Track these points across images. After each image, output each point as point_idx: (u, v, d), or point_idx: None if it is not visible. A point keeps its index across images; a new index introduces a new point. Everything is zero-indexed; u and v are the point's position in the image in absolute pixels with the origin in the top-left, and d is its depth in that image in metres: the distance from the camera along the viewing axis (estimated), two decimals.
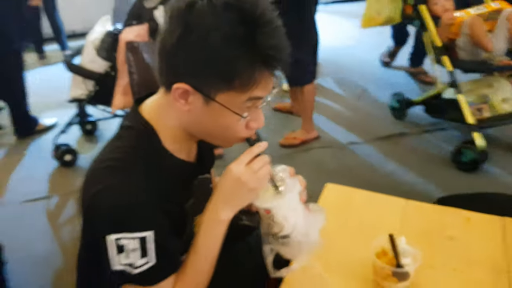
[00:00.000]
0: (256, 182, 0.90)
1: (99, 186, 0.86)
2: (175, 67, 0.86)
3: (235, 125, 0.90)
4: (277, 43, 0.84)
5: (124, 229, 0.85)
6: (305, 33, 2.83)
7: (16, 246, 2.23)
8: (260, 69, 0.84)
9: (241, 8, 0.80)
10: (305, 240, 0.96)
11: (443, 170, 2.60)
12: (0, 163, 3.15)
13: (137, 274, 0.87)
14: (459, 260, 1.11)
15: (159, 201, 0.89)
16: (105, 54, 2.65)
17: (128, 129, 0.95)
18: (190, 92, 0.85)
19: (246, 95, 0.85)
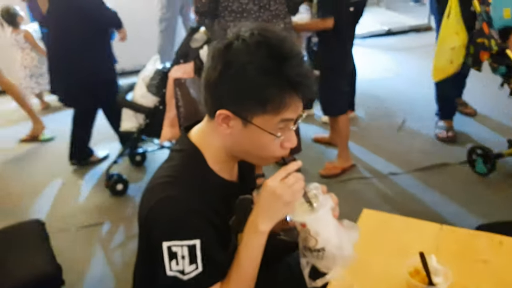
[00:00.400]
0: (290, 196, 0.99)
1: (155, 199, 1.00)
2: (218, 97, 1.00)
3: (270, 144, 1.02)
4: (302, 72, 0.97)
5: (175, 237, 0.96)
6: (342, 65, 2.91)
7: (72, 269, 2.38)
8: (290, 94, 0.97)
9: (270, 45, 0.95)
10: (339, 253, 1.02)
11: (485, 200, 2.58)
12: (58, 192, 3.35)
13: (187, 281, 0.97)
14: (492, 282, 1.14)
15: (206, 213, 1.00)
16: (155, 90, 2.84)
17: (178, 152, 1.10)
18: (231, 117, 0.99)
19: (278, 117, 0.98)
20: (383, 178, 2.96)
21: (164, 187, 1.02)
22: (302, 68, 0.98)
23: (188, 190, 1.01)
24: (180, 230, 0.98)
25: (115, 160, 3.19)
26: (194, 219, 0.99)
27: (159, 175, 1.07)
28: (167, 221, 0.99)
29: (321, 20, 2.71)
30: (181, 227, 0.98)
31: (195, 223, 0.99)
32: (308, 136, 3.60)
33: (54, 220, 2.88)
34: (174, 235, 0.97)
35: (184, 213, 0.99)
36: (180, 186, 1.02)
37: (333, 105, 2.97)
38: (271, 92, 0.95)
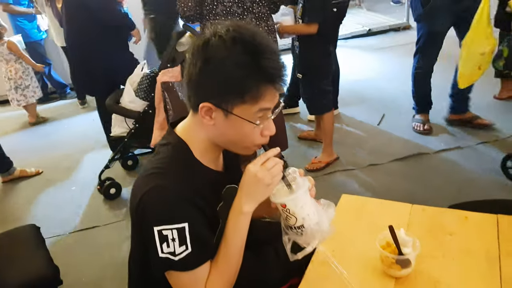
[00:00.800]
0: (270, 178, 1.07)
1: (145, 189, 1.07)
2: (200, 91, 1.08)
3: (251, 133, 1.10)
4: (275, 64, 1.06)
5: (165, 222, 1.04)
6: (324, 66, 3.00)
7: (68, 272, 2.44)
8: (265, 85, 1.05)
9: (244, 40, 1.03)
10: (317, 229, 1.12)
11: (457, 185, 2.73)
12: (52, 198, 3.42)
13: (178, 261, 1.05)
14: (457, 251, 1.25)
15: (194, 199, 1.08)
16: (143, 95, 2.89)
17: (166, 145, 1.17)
18: (213, 109, 1.07)
19: (256, 107, 1.06)
20: (365, 169, 3.08)
21: (153, 178, 1.09)
22: (275, 61, 1.05)
23: (176, 179, 1.09)
24: (169, 215, 1.05)
25: (107, 165, 3.25)
26: (183, 204, 1.06)
27: (148, 168, 1.14)
28: (157, 208, 1.06)
29: (306, 25, 2.79)
30: (170, 213, 1.05)
31: (183, 208, 1.06)
32: (294, 133, 3.73)
33: (49, 226, 2.94)
34: (164, 220, 1.04)
35: (172, 199, 1.06)
36: (168, 176, 1.09)
37: (317, 104, 3.08)
38: (248, 83, 1.03)
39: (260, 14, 2.64)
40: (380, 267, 1.21)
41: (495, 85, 3.92)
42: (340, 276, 1.21)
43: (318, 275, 1.23)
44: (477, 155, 3.04)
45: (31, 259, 1.93)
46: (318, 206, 1.16)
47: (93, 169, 3.69)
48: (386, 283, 1.17)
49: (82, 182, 3.60)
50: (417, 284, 1.16)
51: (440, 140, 3.31)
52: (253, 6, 2.59)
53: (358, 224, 1.44)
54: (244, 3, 2.56)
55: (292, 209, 1.10)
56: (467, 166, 2.92)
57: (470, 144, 3.17)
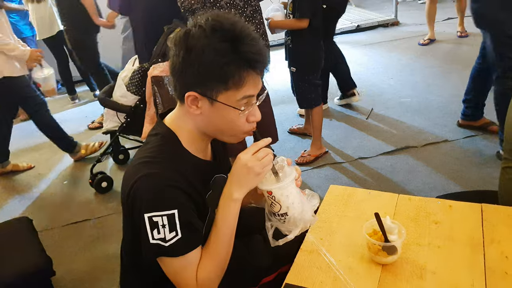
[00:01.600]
0: (260, 168, 1.10)
1: (135, 177, 1.09)
2: (184, 81, 1.11)
3: (237, 119, 1.12)
4: (256, 49, 1.08)
5: (155, 208, 1.06)
6: (315, 60, 3.03)
7: (60, 264, 2.48)
8: (247, 70, 1.07)
9: (223, 29, 1.06)
10: (300, 218, 1.15)
11: (445, 177, 2.79)
12: (43, 192, 3.43)
13: (168, 246, 1.07)
14: (442, 239, 1.28)
15: (183, 187, 1.10)
16: (135, 89, 2.91)
17: (155, 136, 1.20)
18: (198, 98, 1.10)
19: (240, 93, 1.09)
20: (353, 162, 3.13)
21: (143, 166, 1.11)
22: (255, 46, 1.07)
23: (165, 168, 1.11)
24: (159, 202, 1.07)
25: (99, 158, 3.27)
26: (172, 192, 1.08)
27: (137, 157, 1.16)
28: (147, 195, 1.07)
29: (297, 20, 2.82)
30: (160, 200, 1.07)
31: (173, 195, 1.08)
32: (284, 127, 3.76)
33: (41, 219, 2.96)
34: (154, 207, 1.06)
35: (162, 187, 1.07)
36: (157, 164, 1.11)
37: (307, 98, 3.11)
38: (230, 70, 1.05)
39: (256, 7, 2.71)
40: (367, 254, 1.24)
41: None
42: (328, 264, 1.24)
43: (307, 263, 1.26)
44: (464, 148, 3.09)
45: (24, 251, 1.96)
46: (303, 196, 1.19)
47: (84, 163, 3.72)
48: (373, 270, 1.20)
49: (74, 176, 3.61)
50: (403, 271, 1.19)
51: (427, 134, 3.36)
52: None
53: (346, 213, 1.47)
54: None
55: (277, 197, 1.13)
56: (454, 159, 2.97)
57: (457, 138, 3.22)
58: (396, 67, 4.63)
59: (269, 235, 1.17)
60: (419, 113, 3.70)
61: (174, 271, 1.12)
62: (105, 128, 3.15)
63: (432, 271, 1.18)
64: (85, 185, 3.36)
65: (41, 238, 2.14)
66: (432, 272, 1.18)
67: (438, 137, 3.28)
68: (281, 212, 1.15)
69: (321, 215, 1.47)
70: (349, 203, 1.53)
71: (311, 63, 3.02)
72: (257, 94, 1.15)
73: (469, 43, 5.22)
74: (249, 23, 2.61)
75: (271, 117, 3.07)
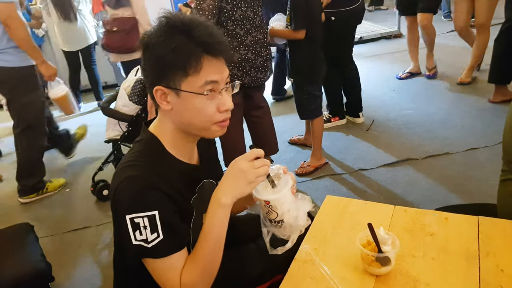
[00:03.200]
0: (254, 177, 1.09)
1: (118, 181, 1.12)
2: (150, 79, 1.15)
3: (205, 107, 1.13)
4: (210, 33, 1.11)
5: (136, 209, 1.07)
6: (313, 71, 3.04)
7: (60, 270, 2.51)
8: (201, 54, 1.09)
9: (174, 23, 1.10)
10: (295, 223, 1.17)
11: (444, 191, 2.78)
12: (45, 200, 3.45)
13: (150, 247, 1.08)
14: (437, 251, 1.28)
15: (164, 189, 1.11)
16: (136, 99, 2.93)
17: (138, 142, 1.23)
18: (165, 92, 1.13)
19: (201, 78, 1.10)
20: (353, 174, 3.13)
21: (125, 170, 1.13)
22: (206, 30, 1.10)
23: (146, 170, 1.12)
24: (139, 203, 1.08)
25: (101, 167, 3.29)
26: (152, 192, 1.09)
27: (121, 162, 1.18)
28: (128, 197, 1.09)
29: (294, 31, 2.86)
30: (140, 200, 1.08)
31: (153, 196, 1.09)
32: (284, 138, 3.78)
33: (42, 226, 2.98)
34: (134, 208, 1.07)
35: (142, 188, 1.08)
36: (139, 167, 1.13)
37: (307, 110, 3.12)
38: (185, 56, 1.08)
39: (263, 17, 2.78)
40: (361, 265, 1.24)
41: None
42: (322, 274, 1.24)
43: (301, 273, 1.26)
44: (465, 161, 3.09)
45: (24, 256, 1.99)
46: (297, 201, 1.21)
47: (87, 171, 3.76)
48: (366, 281, 1.20)
49: (76, 184, 3.64)
50: (396, 283, 1.19)
51: (428, 146, 3.36)
52: (258, 9, 2.71)
53: (341, 224, 1.47)
54: (254, 7, 2.66)
55: (274, 206, 1.14)
56: (455, 172, 2.97)
57: (458, 150, 3.22)
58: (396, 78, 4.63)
59: (266, 242, 1.18)
60: (420, 125, 3.71)
61: (158, 273, 1.13)
62: (107, 136, 3.17)
63: (426, 283, 1.18)
64: (86, 193, 3.39)
65: (42, 244, 2.15)
66: (426, 284, 1.17)
67: (439, 150, 3.28)
68: (277, 219, 1.17)
69: (316, 225, 1.47)
70: (344, 213, 1.53)
71: (309, 73, 3.03)
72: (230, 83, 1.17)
73: None
74: (258, 33, 2.66)
75: (271, 128, 3.08)
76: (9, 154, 4.42)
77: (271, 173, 1.17)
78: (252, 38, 2.68)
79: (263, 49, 2.75)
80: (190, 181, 1.23)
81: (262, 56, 2.75)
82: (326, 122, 3.81)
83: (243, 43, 2.66)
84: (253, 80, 2.76)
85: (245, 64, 2.71)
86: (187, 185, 1.21)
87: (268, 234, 1.19)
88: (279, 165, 1.21)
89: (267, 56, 2.80)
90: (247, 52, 2.68)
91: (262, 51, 2.75)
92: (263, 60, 2.76)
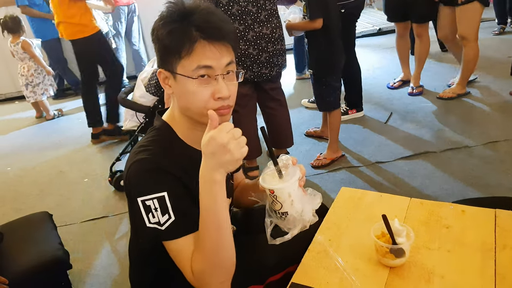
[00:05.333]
0: (239, 152, 1.01)
1: (129, 165, 1.14)
2: (158, 62, 1.18)
3: (198, 92, 1.11)
4: (207, 18, 1.11)
5: (145, 191, 1.08)
6: (331, 62, 3.00)
7: (78, 258, 2.56)
8: (197, 39, 1.09)
9: (177, 7, 1.13)
10: (299, 218, 1.16)
11: (465, 186, 2.72)
12: (64, 190, 3.53)
13: (164, 230, 1.09)
14: (453, 244, 1.27)
15: (172, 170, 1.12)
16: (153, 90, 2.94)
17: (151, 129, 1.25)
18: (166, 76, 1.16)
19: (193, 61, 1.10)
20: (370, 166, 3.09)
21: (137, 154, 1.15)
22: (205, 16, 1.11)
23: (154, 154, 1.14)
24: (148, 185, 1.09)
25: (118, 157, 3.33)
26: (161, 174, 1.10)
27: (134, 148, 1.20)
28: (138, 179, 1.11)
29: (310, 21, 2.83)
30: (149, 182, 1.09)
31: (161, 177, 1.10)
32: (301, 130, 3.76)
33: (61, 215, 3.03)
34: (144, 190, 1.08)
35: (150, 169, 1.10)
36: (150, 151, 1.15)
37: (326, 101, 3.09)
38: (179, 38, 1.09)
39: (272, 11, 2.71)
40: (375, 256, 1.24)
41: None
42: (335, 265, 1.24)
43: (314, 264, 1.27)
44: (485, 155, 3.03)
45: (43, 243, 2.03)
46: (305, 196, 1.20)
47: (104, 162, 3.81)
48: (380, 272, 1.20)
49: (94, 174, 3.70)
50: (411, 274, 1.18)
51: (447, 139, 3.30)
52: (265, 3, 2.65)
53: (356, 215, 1.47)
54: (258, 1, 2.61)
55: (279, 196, 1.14)
56: (474, 166, 2.91)
57: (477, 144, 3.17)
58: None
59: (268, 232, 1.17)
60: (439, 118, 3.65)
61: (174, 255, 1.13)
62: (125, 127, 3.20)
63: (440, 275, 1.17)
64: (104, 183, 3.44)
65: (60, 233, 2.19)
66: (441, 276, 1.17)
67: (458, 143, 3.22)
68: (282, 211, 1.16)
69: (330, 216, 1.48)
70: (359, 205, 1.53)
71: (327, 64, 3.00)
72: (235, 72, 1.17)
73: (492, 48, 5.12)
74: (263, 28, 2.63)
75: (286, 121, 3.07)
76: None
77: (279, 162, 1.16)
78: (254, 34, 2.65)
79: (269, 44, 2.71)
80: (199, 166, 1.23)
81: (268, 51, 2.72)
82: (343, 115, 3.78)
83: (243, 38, 2.64)
84: (255, 75, 2.75)
85: (245, 59, 2.69)
86: (198, 170, 1.19)
87: (270, 224, 1.18)
88: (288, 156, 1.20)
89: (275, 51, 2.76)
90: (248, 47, 2.66)
91: (268, 46, 2.71)
92: (269, 55, 2.73)
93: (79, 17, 3.79)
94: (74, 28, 3.83)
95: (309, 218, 1.18)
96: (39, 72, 5.05)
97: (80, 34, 3.86)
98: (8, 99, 6.52)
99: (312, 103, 4.10)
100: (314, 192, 1.23)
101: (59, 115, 5.34)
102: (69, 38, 3.89)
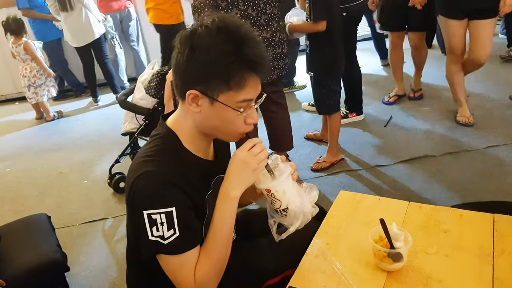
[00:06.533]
0: (256, 163, 1.12)
1: (135, 176, 1.12)
2: (186, 79, 1.12)
3: (235, 120, 1.14)
4: (259, 53, 1.09)
5: (154, 206, 1.08)
6: (332, 66, 3.00)
7: (76, 260, 2.56)
8: (248, 72, 1.09)
9: (228, 30, 1.08)
10: (300, 211, 1.18)
11: (463, 188, 2.72)
12: (63, 191, 3.53)
13: (167, 244, 1.09)
14: (451, 248, 1.27)
15: (181, 185, 1.12)
16: (153, 92, 2.95)
17: (155, 136, 1.22)
18: (199, 97, 1.11)
19: (241, 95, 1.10)
20: (370, 170, 3.09)
21: (143, 165, 1.13)
22: (257, 49, 1.09)
23: (163, 166, 1.13)
24: (157, 200, 1.09)
25: (118, 159, 3.33)
26: (170, 189, 1.10)
27: (138, 156, 1.19)
28: (146, 192, 1.10)
29: (313, 23, 2.82)
30: (158, 197, 1.09)
31: (170, 193, 1.10)
32: (300, 133, 3.76)
33: (59, 217, 3.03)
34: (152, 204, 1.08)
35: (160, 184, 1.09)
36: (157, 163, 1.13)
37: (325, 104, 3.09)
38: (233, 70, 1.07)
39: (272, 15, 2.70)
40: (373, 260, 1.24)
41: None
42: (333, 269, 1.24)
43: (312, 267, 1.26)
44: (484, 159, 3.02)
45: (41, 245, 2.02)
46: (300, 189, 1.21)
47: (104, 164, 3.80)
48: (378, 276, 1.20)
49: (93, 176, 3.69)
50: (408, 279, 1.18)
51: (447, 143, 3.30)
52: (266, 7, 2.64)
53: (354, 219, 1.47)
54: (257, 5, 2.61)
55: (275, 194, 1.16)
56: (473, 169, 2.91)
57: (477, 147, 3.16)
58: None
59: (273, 231, 1.19)
60: (438, 122, 3.64)
61: (173, 269, 1.14)
62: (124, 129, 3.21)
63: (438, 280, 1.17)
64: (103, 185, 3.44)
65: (58, 235, 2.18)
66: (438, 280, 1.17)
67: (457, 147, 3.22)
68: (282, 208, 1.18)
69: (328, 220, 1.47)
70: (358, 209, 1.53)
71: (328, 67, 3.00)
72: (256, 97, 1.17)
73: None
74: (263, 32, 2.63)
75: (287, 124, 3.07)
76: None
77: (269, 162, 1.18)
78: None
79: (269, 48, 2.71)
80: (205, 176, 1.24)
81: (268, 55, 2.72)
82: (343, 118, 3.77)
83: None
84: None
85: None
86: (203, 180, 1.22)
87: (274, 224, 1.20)
88: (277, 155, 1.22)
89: (275, 55, 2.75)
90: None
91: (267, 50, 2.71)
92: (269, 59, 2.72)
93: (169, 5, 4.29)
94: (161, 14, 4.24)
95: (309, 209, 1.20)
96: (42, 73, 5.06)
97: (165, 21, 4.26)
98: (8, 100, 6.52)
99: (312, 106, 4.09)
100: (309, 185, 1.24)
101: (59, 116, 5.34)
102: (154, 22, 4.32)
